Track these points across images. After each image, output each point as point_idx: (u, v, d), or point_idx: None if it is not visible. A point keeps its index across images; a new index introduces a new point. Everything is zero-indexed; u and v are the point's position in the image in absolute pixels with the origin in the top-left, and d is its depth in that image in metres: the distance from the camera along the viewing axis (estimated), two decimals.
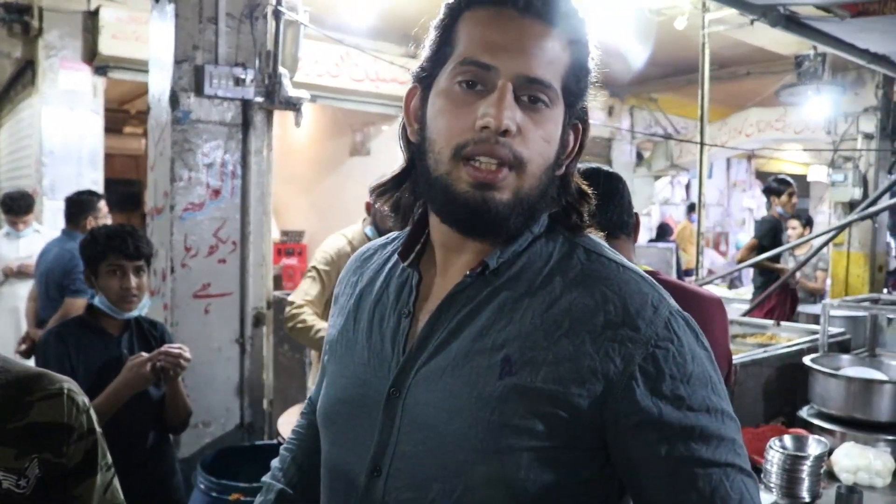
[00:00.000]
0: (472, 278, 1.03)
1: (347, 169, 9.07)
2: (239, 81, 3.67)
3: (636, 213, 2.01)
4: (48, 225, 5.90)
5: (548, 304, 0.99)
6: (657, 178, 12.14)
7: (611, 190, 1.93)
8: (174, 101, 3.57)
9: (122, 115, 10.33)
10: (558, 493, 0.97)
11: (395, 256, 1.16)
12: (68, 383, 1.37)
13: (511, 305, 1.01)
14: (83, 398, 1.38)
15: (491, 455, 0.95)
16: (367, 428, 1.05)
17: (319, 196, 9.14)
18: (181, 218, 3.58)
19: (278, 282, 5.94)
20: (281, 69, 3.83)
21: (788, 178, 6.78)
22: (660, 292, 1.01)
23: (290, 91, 3.82)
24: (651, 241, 10.41)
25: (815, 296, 6.83)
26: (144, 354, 2.41)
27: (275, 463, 1.34)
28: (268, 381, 3.89)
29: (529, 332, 0.98)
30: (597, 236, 1.11)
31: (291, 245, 8.13)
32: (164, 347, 2.46)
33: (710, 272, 8.17)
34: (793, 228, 6.88)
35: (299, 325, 3.21)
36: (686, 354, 0.97)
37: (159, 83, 3.74)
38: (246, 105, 3.73)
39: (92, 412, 1.39)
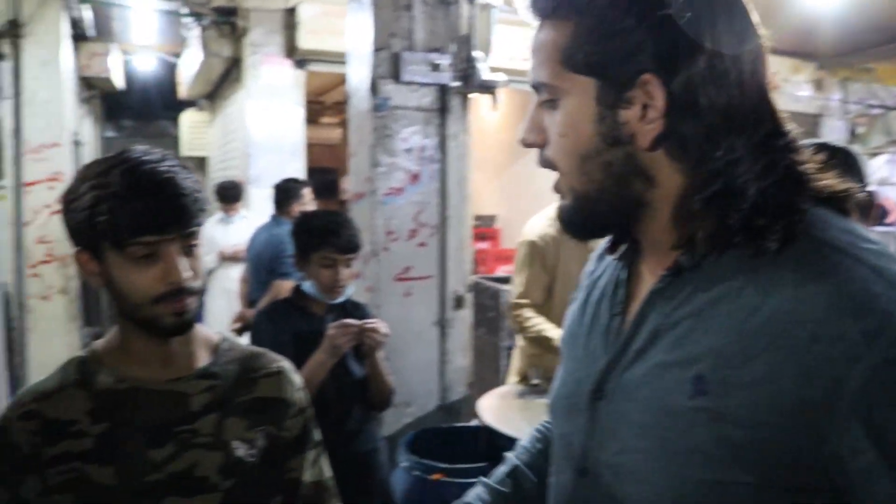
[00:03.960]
0: (670, 278, 0.91)
1: (537, 153, 8.96)
2: (435, 67, 3.70)
3: (871, 192, 1.82)
4: (255, 212, 6.24)
5: (748, 312, 0.82)
6: (873, 155, 11.23)
7: (841, 165, 1.76)
8: (374, 88, 3.65)
9: (318, 106, 10.78)
10: None
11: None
12: (285, 362, 1.46)
13: (709, 311, 0.86)
14: (298, 377, 1.46)
15: (676, 484, 0.85)
16: (576, 427, 1.01)
17: (510, 181, 9.13)
18: (382, 202, 3.67)
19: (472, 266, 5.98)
20: (476, 53, 3.83)
21: None
22: None
23: (486, 74, 3.81)
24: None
25: None
26: (352, 321, 2.46)
27: (522, 441, 1.32)
28: (467, 363, 3.91)
29: (725, 345, 0.83)
30: (834, 215, 0.88)
31: (484, 230, 8.16)
32: (364, 321, 2.50)
33: None
34: None
35: (531, 333, 3.20)
36: None
37: (358, 72, 3.83)
38: (443, 90, 3.75)
39: (304, 391, 1.46)
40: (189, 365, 1.34)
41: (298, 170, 6.74)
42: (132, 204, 1.18)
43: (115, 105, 11.69)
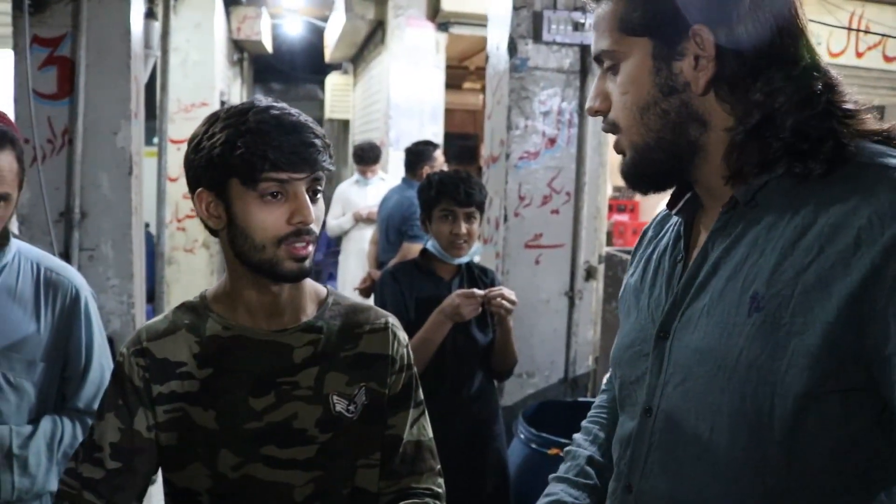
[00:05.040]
0: (728, 214, 1.00)
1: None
2: (578, 26, 3.53)
3: None
4: (393, 174, 6.28)
5: (799, 232, 0.91)
6: None
7: None
8: (512, 48, 3.54)
9: (461, 71, 10.73)
10: (811, 440, 0.89)
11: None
12: (392, 318, 1.45)
13: (765, 236, 0.94)
14: (403, 334, 1.45)
15: (736, 399, 0.92)
16: (642, 371, 1.08)
17: None
18: (516, 167, 3.56)
19: (609, 238, 5.80)
20: None
21: None
22: None
23: None
24: None
25: None
26: (476, 291, 2.39)
27: (579, 436, 1.36)
28: (595, 337, 3.78)
29: (777, 263, 0.91)
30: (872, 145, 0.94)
31: (623, 201, 7.89)
32: (490, 289, 2.43)
33: None
34: None
35: None
36: None
37: (498, 32, 3.73)
38: (584, 51, 3.58)
39: (409, 349, 1.45)
40: (295, 317, 1.36)
41: (437, 133, 6.74)
42: (269, 139, 1.20)
43: (263, 68, 12.09)
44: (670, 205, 1.12)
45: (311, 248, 1.27)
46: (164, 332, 1.34)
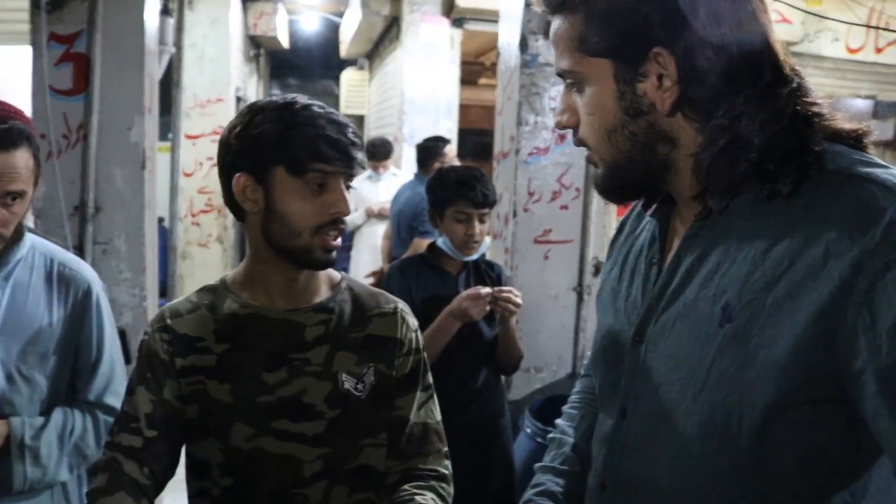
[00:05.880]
0: (701, 222, 1.00)
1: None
2: None
3: None
4: (407, 170, 6.30)
5: (771, 242, 0.91)
6: None
7: None
8: (523, 44, 3.54)
9: (477, 67, 10.72)
10: (779, 448, 0.90)
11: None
12: (402, 304, 1.51)
13: (737, 245, 0.95)
14: (413, 319, 1.51)
15: (707, 407, 0.93)
16: (619, 374, 1.09)
17: None
18: (526, 162, 3.57)
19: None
20: None
21: None
22: None
23: None
24: None
25: None
26: (482, 289, 2.41)
27: (561, 422, 1.37)
28: None
29: (749, 273, 0.91)
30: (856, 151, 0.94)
31: None
32: (498, 289, 2.44)
33: None
34: None
35: None
36: None
37: (509, 28, 3.74)
38: None
39: (419, 334, 1.51)
40: (308, 298, 1.43)
41: (451, 129, 6.75)
42: (321, 133, 1.29)
43: (280, 64, 12.14)
44: (645, 206, 1.14)
45: (339, 240, 1.36)
46: (185, 311, 1.42)
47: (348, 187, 1.36)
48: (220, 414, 1.37)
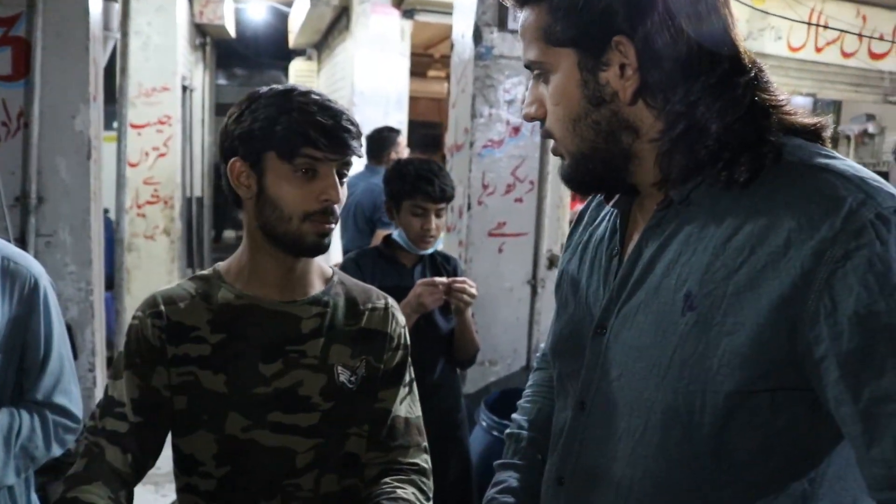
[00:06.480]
0: (662, 212, 1.01)
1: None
2: None
3: None
4: (357, 161, 6.22)
5: (732, 231, 0.92)
6: None
7: None
8: (477, 36, 3.54)
9: (426, 59, 10.70)
10: (740, 435, 0.91)
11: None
12: (391, 300, 1.54)
13: (697, 235, 0.96)
14: (401, 315, 1.54)
15: (669, 396, 0.94)
16: (579, 365, 1.09)
17: None
18: (480, 155, 3.56)
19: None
20: None
21: None
22: (870, 193, 0.85)
23: None
24: None
25: None
26: (438, 280, 2.40)
27: (517, 416, 1.37)
28: None
29: (710, 263, 0.93)
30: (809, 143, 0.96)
31: None
32: (452, 279, 2.43)
33: None
34: None
35: None
36: (892, 261, 0.81)
37: (463, 19, 3.73)
38: None
39: (406, 330, 1.54)
40: (304, 291, 1.44)
41: (401, 121, 6.71)
42: (310, 119, 1.29)
43: (227, 53, 11.93)
44: (607, 197, 1.14)
45: (333, 226, 1.35)
46: (178, 299, 1.41)
47: (343, 175, 1.36)
48: (213, 405, 1.36)
